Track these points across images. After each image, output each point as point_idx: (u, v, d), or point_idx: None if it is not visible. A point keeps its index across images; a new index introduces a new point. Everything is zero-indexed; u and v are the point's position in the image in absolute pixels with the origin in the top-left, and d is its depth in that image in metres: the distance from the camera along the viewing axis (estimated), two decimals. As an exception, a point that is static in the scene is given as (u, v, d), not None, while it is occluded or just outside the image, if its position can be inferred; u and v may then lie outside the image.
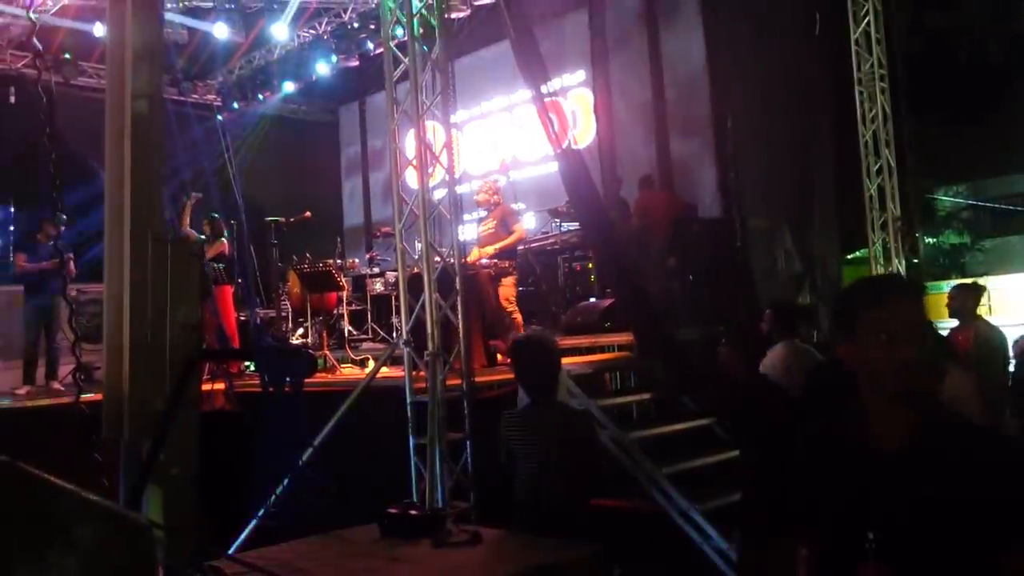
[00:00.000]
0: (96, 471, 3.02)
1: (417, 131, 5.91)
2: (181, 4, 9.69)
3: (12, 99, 11.02)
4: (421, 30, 5.98)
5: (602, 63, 10.60)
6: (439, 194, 6.15)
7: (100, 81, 11.38)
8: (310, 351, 7.60)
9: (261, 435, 5.25)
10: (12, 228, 11.80)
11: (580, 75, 11.41)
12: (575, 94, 11.52)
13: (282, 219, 9.81)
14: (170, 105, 10.93)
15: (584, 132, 11.18)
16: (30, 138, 10.49)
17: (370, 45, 11.50)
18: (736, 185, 9.46)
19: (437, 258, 5.79)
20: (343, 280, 9.35)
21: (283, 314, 9.99)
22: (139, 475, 2.64)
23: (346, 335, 9.70)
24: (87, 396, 3.30)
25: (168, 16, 9.27)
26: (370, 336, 10.43)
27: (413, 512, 4.01)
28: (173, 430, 2.69)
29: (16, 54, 11.21)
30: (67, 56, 11.08)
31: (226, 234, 9.60)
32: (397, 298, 10.11)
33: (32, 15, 8.60)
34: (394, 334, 10.17)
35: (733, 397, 4.46)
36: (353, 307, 10.25)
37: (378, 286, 10.77)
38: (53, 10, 9.62)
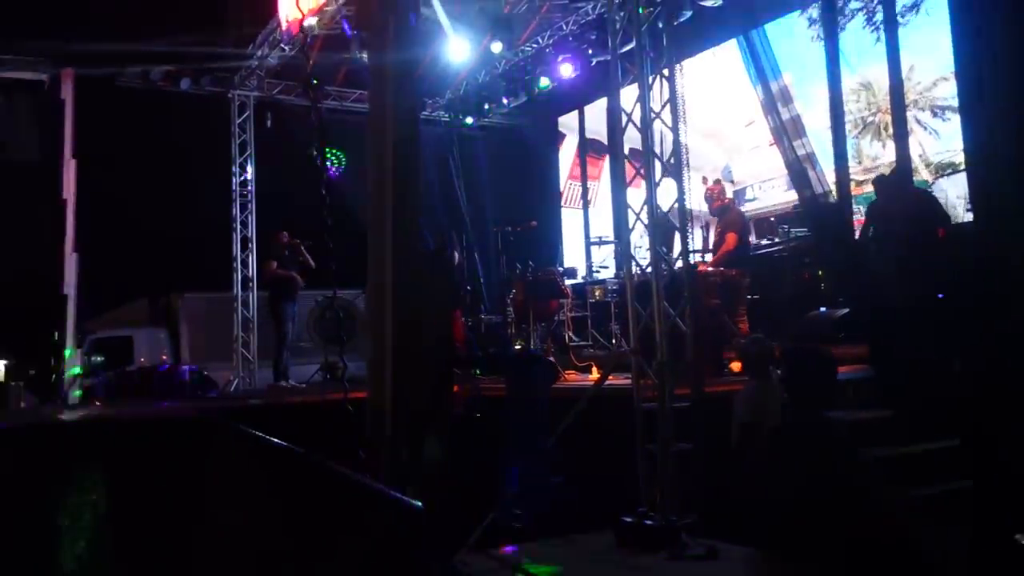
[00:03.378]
0: (359, 467, 3.26)
1: (644, 139, 5.90)
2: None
3: (268, 123, 12.20)
4: (647, 37, 5.97)
5: (832, 53, 10.07)
6: (664, 199, 6.08)
7: (342, 104, 12.36)
8: (553, 360, 7.75)
9: (503, 437, 5.44)
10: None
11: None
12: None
13: (508, 228, 10.14)
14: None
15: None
16: (282, 157, 11.59)
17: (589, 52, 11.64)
18: (990, 180, 8.61)
19: (664, 266, 5.75)
20: (566, 287, 9.51)
21: (509, 320, 10.30)
22: (400, 472, 2.83)
23: (567, 341, 9.85)
24: (333, 394, 3.57)
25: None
26: (590, 343, 10.54)
27: (648, 522, 4.00)
28: (430, 431, 2.86)
29: (272, 82, 12.39)
30: (315, 81, 12.09)
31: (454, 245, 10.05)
32: (617, 305, 10.19)
33: (296, 52, 9.48)
34: (613, 341, 10.22)
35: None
36: (573, 314, 10.40)
37: (598, 293, 10.87)
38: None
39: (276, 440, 1.90)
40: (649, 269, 5.79)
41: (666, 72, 6.02)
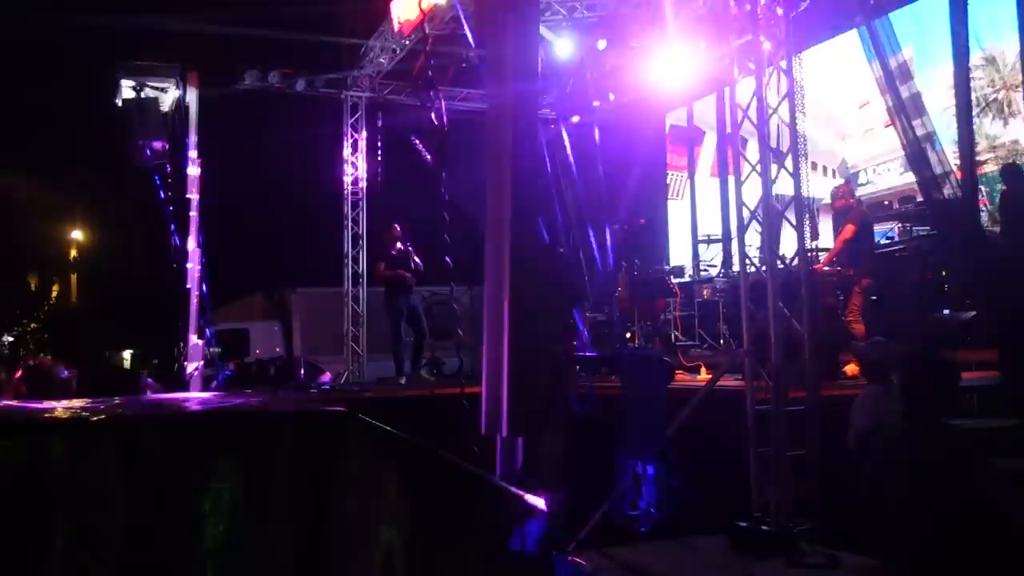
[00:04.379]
0: (474, 462, 3.28)
1: (761, 136, 5.74)
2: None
3: (379, 123, 12.50)
4: (764, 31, 5.81)
5: (960, 24, 9.57)
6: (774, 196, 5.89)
7: (451, 103, 12.50)
8: (668, 360, 7.62)
9: (618, 436, 5.40)
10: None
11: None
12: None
13: (616, 226, 10.07)
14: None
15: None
16: (393, 156, 11.82)
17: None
18: None
19: (780, 265, 5.59)
20: (674, 286, 9.37)
21: (615, 318, 10.22)
22: (518, 469, 2.85)
23: (674, 341, 9.70)
24: (446, 389, 3.60)
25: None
26: (697, 343, 10.35)
27: (764, 528, 3.89)
28: (545, 428, 2.86)
29: (383, 83, 12.68)
30: (433, 81, 12.32)
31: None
32: (725, 304, 9.98)
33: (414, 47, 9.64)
34: (721, 341, 10.00)
35: None
36: (680, 313, 10.24)
37: (705, 292, 10.67)
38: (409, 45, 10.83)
39: (404, 435, 1.93)
40: (763, 267, 5.64)
41: (784, 64, 5.85)
